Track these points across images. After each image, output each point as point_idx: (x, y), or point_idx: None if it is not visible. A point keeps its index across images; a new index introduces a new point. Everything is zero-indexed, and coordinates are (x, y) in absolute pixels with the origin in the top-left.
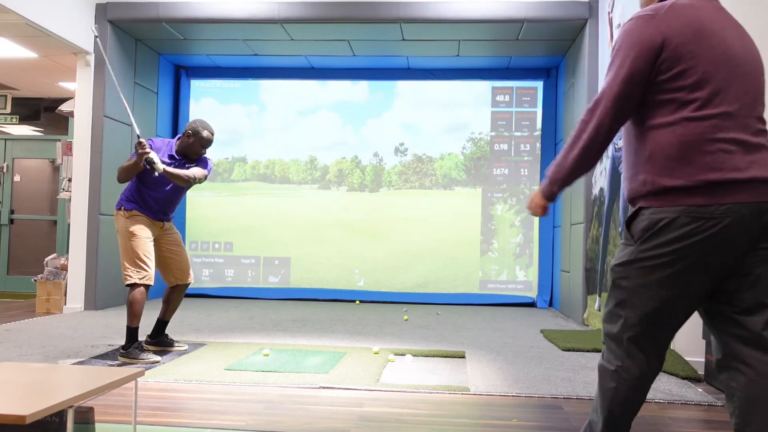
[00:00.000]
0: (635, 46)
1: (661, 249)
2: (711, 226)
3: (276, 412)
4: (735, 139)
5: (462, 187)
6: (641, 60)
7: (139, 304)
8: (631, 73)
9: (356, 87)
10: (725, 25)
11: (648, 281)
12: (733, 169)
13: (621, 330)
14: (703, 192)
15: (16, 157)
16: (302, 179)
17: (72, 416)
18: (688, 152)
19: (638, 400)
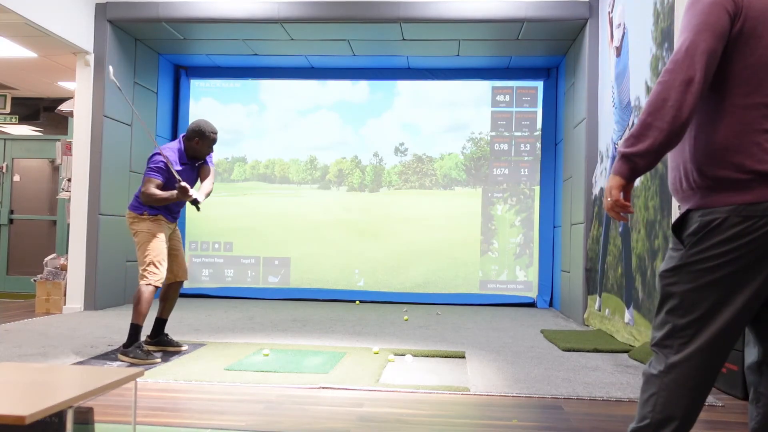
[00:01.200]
0: (713, 5)
1: (712, 251)
2: (762, 225)
3: (276, 412)
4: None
5: (462, 187)
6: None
7: (147, 303)
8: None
9: (356, 87)
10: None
11: (699, 285)
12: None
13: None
14: (753, 186)
15: (15, 157)
16: (302, 179)
17: (72, 416)
18: (738, 142)
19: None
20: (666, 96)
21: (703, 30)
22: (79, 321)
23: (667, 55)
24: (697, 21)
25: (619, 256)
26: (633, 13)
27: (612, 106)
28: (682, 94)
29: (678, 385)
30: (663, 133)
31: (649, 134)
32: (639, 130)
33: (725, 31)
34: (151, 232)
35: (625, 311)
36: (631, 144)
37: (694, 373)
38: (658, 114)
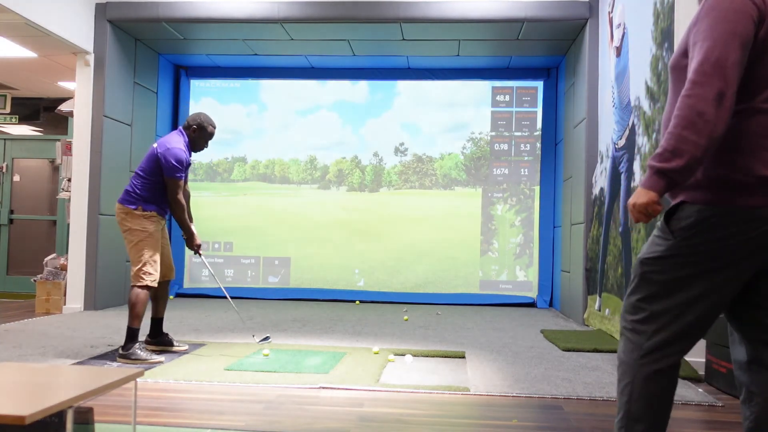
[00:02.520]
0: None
1: (705, 247)
2: (757, 227)
3: (276, 412)
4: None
5: (462, 187)
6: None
7: (144, 305)
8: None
9: (356, 87)
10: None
11: (681, 276)
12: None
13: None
14: (758, 191)
15: (15, 156)
16: (302, 179)
17: (71, 416)
18: (750, 145)
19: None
20: (701, 110)
21: (731, 40)
22: (79, 321)
23: (668, 55)
24: (723, 29)
25: (619, 256)
26: (633, 13)
27: (612, 106)
28: (716, 109)
29: (652, 371)
30: (701, 149)
31: (686, 149)
32: (675, 145)
33: (751, 40)
34: (145, 230)
35: None
36: (667, 159)
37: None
38: (694, 128)
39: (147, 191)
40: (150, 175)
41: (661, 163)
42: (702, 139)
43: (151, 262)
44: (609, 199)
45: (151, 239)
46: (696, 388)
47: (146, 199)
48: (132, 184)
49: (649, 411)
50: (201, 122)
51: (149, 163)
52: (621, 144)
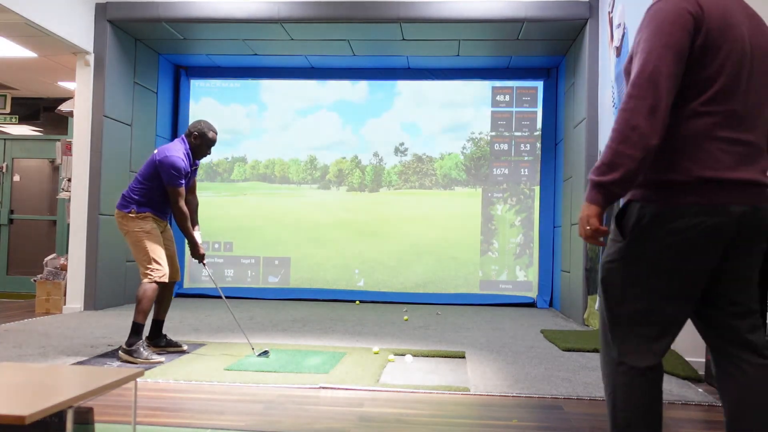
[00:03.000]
0: (674, 21)
1: (651, 245)
2: (700, 224)
3: (276, 412)
4: (737, 139)
5: (462, 187)
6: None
7: (150, 301)
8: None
9: (356, 87)
10: (744, 17)
11: (638, 277)
12: (729, 168)
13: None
14: (697, 190)
15: (15, 156)
16: (302, 179)
17: (72, 416)
18: (689, 147)
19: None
20: (634, 124)
21: (665, 53)
22: (79, 321)
23: None
24: (658, 42)
25: None
26: (633, 13)
27: (612, 106)
28: (649, 122)
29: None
30: (635, 162)
31: (621, 162)
32: (611, 158)
33: (686, 51)
34: (143, 230)
35: None
36: (604, 173)
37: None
38: (629, 142)
39: (142, 196)
40: (147, 180)
41: (599, 177)
42: (637, 152)
43: (155, 257)
44: None
45: (149, 236)
46: (696, 388)
47: (140, 203)
48: (129, 189)
49: (635, 418)
50: (202, 129)
51: (147, 168)
52: None
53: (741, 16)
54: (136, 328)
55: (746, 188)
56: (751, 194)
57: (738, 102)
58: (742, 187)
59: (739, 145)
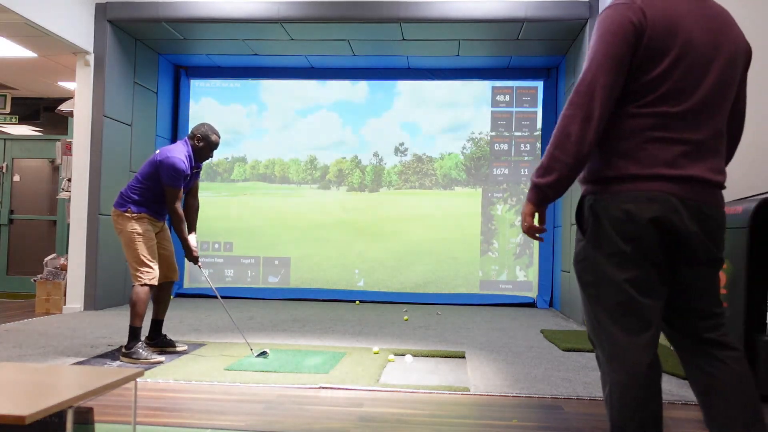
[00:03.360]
0: (617, 31)
1: (606, 236)
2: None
3: (276, 412)
4: (679, 139)
5: (462, 187)
6: (623, 44)
7: (144, 303)
8: (615, 58)
9: (356, 87)
10: (701, 20)
11: (606, 272)
12: (667, 166)
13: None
14: (636, 183)
15: (15, 157)
16: (302, 179)
17: (72, 416)
18: (628, 146)
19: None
20: (569, 131)
21: (605, 62)
22: (79, 321)
23: None
24: (600, 51)
25: None
26: None
27: None
28: (583, 131)
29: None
30: (567, 167)
31: (555, 167)
32: (547, 163)
33: (626, 61)
34: (135, 231)
35: None
36: (541, 175)
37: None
38: (563, 148)
39: (140, 195)
40: (146, 180)
41: (537, 179)
42: (569, 158)
43: (146, 260)
44: None
45: (142, 238)
46: None
47: (137, 202)
48: (127, 187)
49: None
50: (205, 132)
51: (147, 167)
52: None
53: (693, 20)
54: (133, 331)
55: (687, 183)
56: (691, 189)
57: (686, 104)
58: (681, 182)
59: (682, 144)
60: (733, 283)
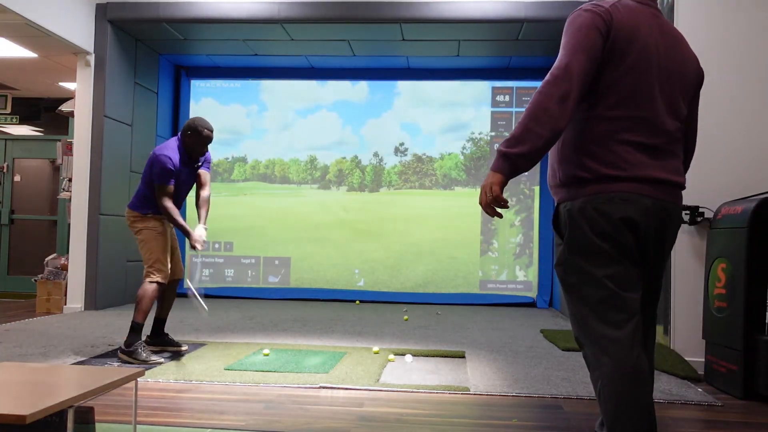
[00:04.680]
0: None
1: (582, 237)
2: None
3: (276, 411)
4: (643, 143)
5: (462, 187)
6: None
7: (151, 301)
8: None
9: (356, 87)
10: (657, 33)
11: (586, 271)
12: (634, 167)
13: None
14: (607, 185)
15: (16, 157)
16: (302, 179)
17: (72, 416)
18: (598, 148)
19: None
20: (546, 106)
21: (579, 51)
22: (79, 321)
23: None
24: (574, 42)
25: None
26: None
27: None
28: (560, 107)
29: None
30: (542, 140)
31: (529, 138)
32: (520, 134)
33: (598, 52)
34: (155, 230)
35: None
36: (513, 145)
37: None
38: (539, 121)
39: (145, 195)
40: (146, 178)
41: (507, 148)
42: (544, 131)
43: (160, 258)
44: None
45: (161, 238)
46: (696, 387)
47: (144, 204)
48: (137, 188)
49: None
50: (195, 126)
51: (145, 167)
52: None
53: (650, 32)
54: (135, 327)
55: (653, 184)
56: (657, 190)
57: (644, 109)
58: (648, 183)
59: (646, 147)
60: (732, 283)
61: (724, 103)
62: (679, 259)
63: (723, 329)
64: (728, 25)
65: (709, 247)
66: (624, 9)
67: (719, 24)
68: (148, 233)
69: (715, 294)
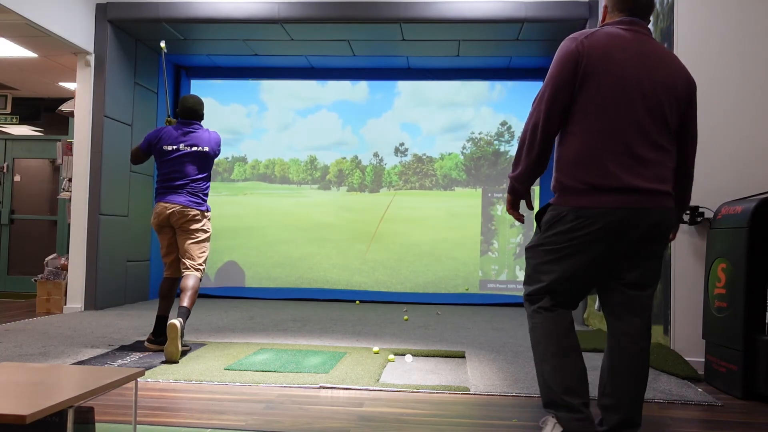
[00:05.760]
0: (563, 57)
1: (555, 237)
2: (590, 224)
3: (276, 411)
4: (620, 153)
5: (462, 187)
6: (566, 68)
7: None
8: (559, 79)
9: (356, 87)
10: (636, 54)
11: (546, 261)
12: (615, 177)
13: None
14: (587, 194)
15: (16, 157)
16: (302, 179)
17: (72, 416)
18: (583, 159)
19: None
20: (524, 137)
21: (551, 82)
22: (79, 321)
23: None
24: (552, 73)
25: None
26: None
27: None
28: (533, 136)
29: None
30: (525, 165)
31: (519, 165)
32: (515, 160)
33: (569, 80)
34: (210, 231)
35: None
36: (512, 170)
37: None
38: (522, 149)
39: (206, 192)
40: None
41: (510, 173)
42: (526, 158)
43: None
44: None
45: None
46: (696, 387)
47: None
48: (193, 185)
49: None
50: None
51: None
52: None
53: (627, 54)
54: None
55: (632, 193)
56: (637, 198)
57: (623, 123)
58: (627, 193)
59: (626, 158)
60: (732, 283)
61: (724, 103)
62: (679, 259)
63: (723, 329)
64: (728, 24)
65: (709, 247)
66: (601, 36)
67: (719, 23)
68: (206, 234)
69: (715, 294)
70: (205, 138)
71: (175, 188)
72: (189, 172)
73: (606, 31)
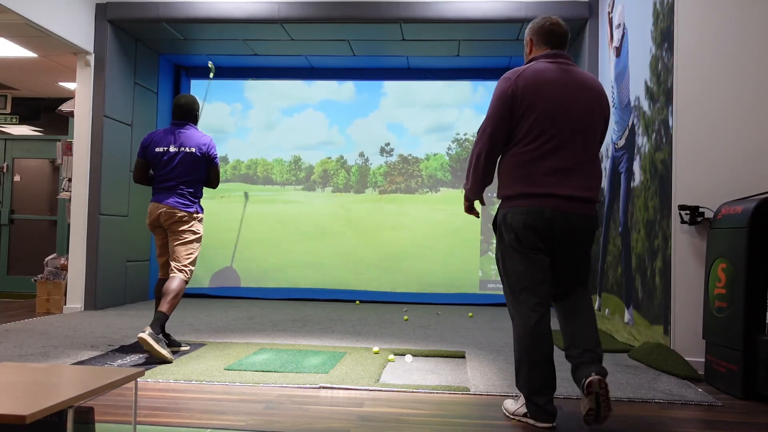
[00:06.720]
0: (499, 97)
1: (506, 236)
2: (523, 220)
3: (276, 412)
4: (554, 167)
5: (447, 188)
6: (503, 107)
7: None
8: (497, 116)
9: (356, 87)
10: (562, 84)
11: (508, 259)
12: (543, 185)
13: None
14: (520, 199)
15: (16, 157)
16: (286, 180)
17: (72, 416)
18: (518, 172)
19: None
20: (472, 160)
21: (491, 121)
22: (79, 321)
23: (667, 55)
24: (491, 109)
25: (619, 256)
26: (632, 13)
27: (612, 107)
28: (478, 161)
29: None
30: (474, 181)
31: (468, 181)
32: (466, 176)
33: (506, 116)
34: (201, 233)
35: (624, 311)
36: (465, 184)
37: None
38: (469, 170)
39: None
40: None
41: (464, 185)
42: (474, 176)
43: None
44: (608, 200)
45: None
46: (695, 387)
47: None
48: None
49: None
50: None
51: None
52: (621, 144)
53: (555, 85)
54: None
55: (557, 199)
56: (560, 203)
57: (553, 142)
58: (552, 198)
59: (555, 171)
60: (732, 283)
61: (723, 103)
62: (679, 259)
63: (723, 329)
64: (727, 23)
65: (709, 247)
66: (530, 73)
67: (719, 23)
68: (196, 235)
69: (715, 294)
70: (195, 139)
71: (166, 189)
72: (178, 174)
73: (533, 68)
